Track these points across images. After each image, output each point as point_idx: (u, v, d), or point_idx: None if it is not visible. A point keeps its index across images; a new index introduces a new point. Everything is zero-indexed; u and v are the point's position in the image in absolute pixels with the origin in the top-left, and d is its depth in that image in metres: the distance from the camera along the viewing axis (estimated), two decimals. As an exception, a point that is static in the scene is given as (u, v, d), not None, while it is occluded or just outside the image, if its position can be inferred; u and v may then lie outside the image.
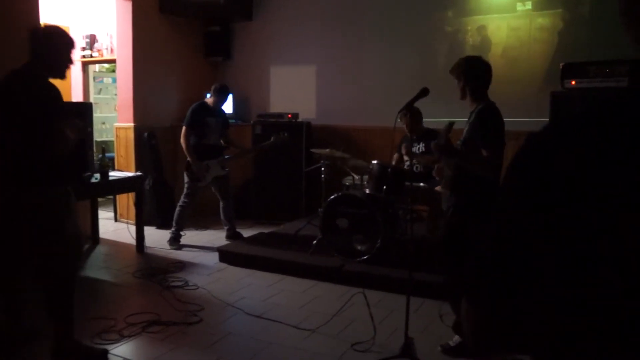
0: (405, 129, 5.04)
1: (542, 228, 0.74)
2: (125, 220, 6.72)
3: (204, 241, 6.06)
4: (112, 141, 7.20)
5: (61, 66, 3.19)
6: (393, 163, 5.36)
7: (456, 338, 3.37)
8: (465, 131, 3.25)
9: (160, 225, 6.54)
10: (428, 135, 5.23)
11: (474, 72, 3.23)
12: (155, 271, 4.92)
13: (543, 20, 5.84)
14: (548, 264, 0.74)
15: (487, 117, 3.14)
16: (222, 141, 5.89)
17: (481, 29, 6.15)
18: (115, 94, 7.54)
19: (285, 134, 5.86)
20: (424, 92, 3.25)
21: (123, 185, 5.52)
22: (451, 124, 3.11)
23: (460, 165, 3.19)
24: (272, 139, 5.83)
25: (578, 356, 0.75)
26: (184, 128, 5.66)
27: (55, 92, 3.04)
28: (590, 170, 0.70)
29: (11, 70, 3.10)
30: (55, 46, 3.12)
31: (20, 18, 5.11)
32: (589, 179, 0.70)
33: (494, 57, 5.72)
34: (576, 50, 5.51)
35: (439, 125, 5.32)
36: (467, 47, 6.20)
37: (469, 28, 6.24)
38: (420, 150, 5.23)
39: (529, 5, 5.88)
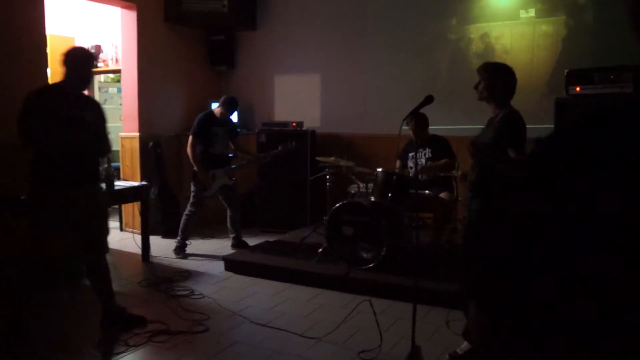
0: (411, 134, 5.05)
1: (550, 231, 0.74)
2: (130, 229, 6.73)
3: (210, 250, 6.06)
4: (118, 151, 7.22)
5: (78, 80, 3.76)
6: (396, 169, 5.36)
7: (464, 345, 3.35)
8: (487, 136, 3.36)
9: (166, 235, 6.54)
10: (433, 141, 5.22)
11: (504, 76, 3.33)
12: (161, 280, 4.92)
13: (546, 27, 5.85)
14: (557, 267, 0.74)
15: (515, 121, 3.28)
16: (232, 147, 5.89)
17: (484, 36, 6.17)
18: (121, 104, 7.57)
19: (293, 143, 5.86)
20: (429, 100, 3.26)
21: (128, 194, 5.53)
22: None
23: (486, 167, 3.26)
24: (279, 148, 5.83)
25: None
26: (190, 137, 5.67)
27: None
28: (598, 175, 0.70)
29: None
30: (72, 65, 3.67)
31: (26, 29, 5.15)
32: (597, 184, 0.70)
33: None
34: (580, 56, 5.51)
35: (442, 132, 5.35)
36: (470, 54, 6.22)
37: (473, 36, 6.25)
38: (427, 156, 5.22)
39: (532, 13, 5.89)
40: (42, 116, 3.54)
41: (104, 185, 4.93)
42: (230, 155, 5.93)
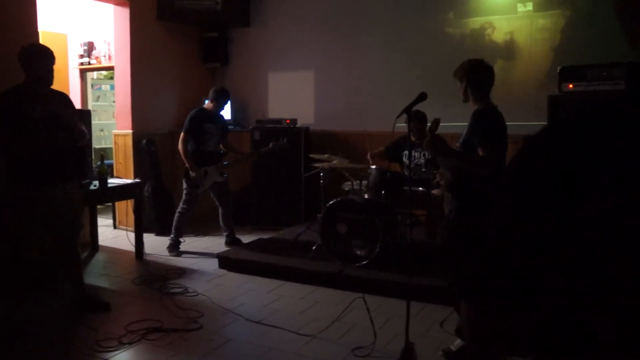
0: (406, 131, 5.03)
1: (541, 228, 0.74)
2: (124, 227, 6.71)
3: (204, 247, 6.05)
4: (111, 148, 7.20)
5: (39, 77, 3.79)
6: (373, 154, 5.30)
7: (457, 342, 3.36)
8: (464, 133, 3.27)
9: (160, 232, 6.53)
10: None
11: (476, 74, 3.25)
12: (154, 278, 4.91)
13: (544, 21, 5.83)
14: (548, 265, 0.74)
15: (483, 117, 3.18)
16: (221, 147, 5.89)
17: (482, 30, 6.14)
18: (114, 101, 7.55)
19: (284, 140, 5.86)
20: (422, 97, 3.24)
21: (122, 192, 5.52)
22: (437, 120, 3.13)
23: (458, 166, 3.19)
24: (270, 145, 5.82)
25: (579, 358, 0.75)
26: (182, 134, 5.65)
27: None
28: (587, 170, 0.70)
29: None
30: (28, 62, 3.76)
31: (18, 27, 5.12)
32: (587, 179, 0.70)
33: (494, 59, 5.70)
34: (576, 51, 5.49)
35: (439, 129, 5.33)
36: (467, 49, 6.18)
37: (470, 30, 6.23)
38: (427, 156, 5.20)
39: (529, 7, 5.88)
40: (7, 120, 3.63)
41: (94, 182, 4.95)
42: (222, 152, 5.92)
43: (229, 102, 6.00)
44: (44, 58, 3.80)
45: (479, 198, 3.03)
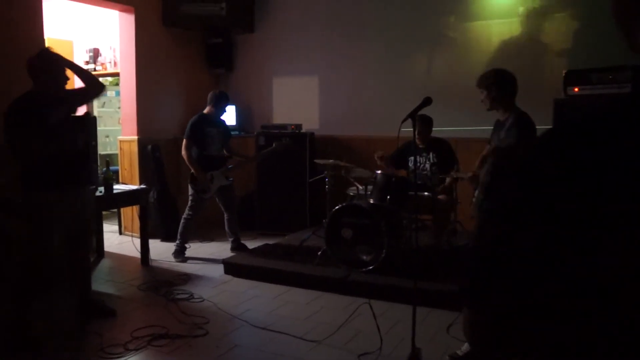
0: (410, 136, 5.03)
1: (541, 231, 0.73)
2: (129, 233, 6.72)
3: (209, 253, 6.05)
4: (116, 154, 7.22)
5: (58, 82, 3.80)
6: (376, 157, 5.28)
7: (464, 347, 3.35)
8: (496, 139, 3.39)
9: (165, 238, 6.53)
10: (436, 145, 5.18)
11: (504, 83, 3.42)
12: (160, 284, 4.91)
13: (546, 24, 5.82)
14: (547, 267, 0.73)
15: (527, 123, 3.38)
16: (224, 151, 5.90)
17: (484, 34, 6.14)
18: (119, 107, 7.57)
19: (287, 139, 5.87)
20: (427, 102, 3.26)
21: (127, 198, 5.52)
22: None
23: (500, 170, 3.28)
24: (274, 145, 5.83)
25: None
26: (184, 141, 5.67)
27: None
28: (591, 172, 0.70)
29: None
30: (44, 69, 3.74)
31: (24, 34, 5.15)
32: (590, 181, 0.69)
33: (496, 63, 5.67)
34: (579, 54, 5.48)
35: (442, 133, 5.33)
36: (469, 53, 6.18)
37: (471, 33, 6.22)
38: (432, 161, 5.18)
39: (531, 10, 5.86)
40: (24, 125, 3.61)
41: (99, 188, 4.96)
42: (225, 156, 5.92)
43: (231, 106, 6.00)
44: (55, 62, 3.82)
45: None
